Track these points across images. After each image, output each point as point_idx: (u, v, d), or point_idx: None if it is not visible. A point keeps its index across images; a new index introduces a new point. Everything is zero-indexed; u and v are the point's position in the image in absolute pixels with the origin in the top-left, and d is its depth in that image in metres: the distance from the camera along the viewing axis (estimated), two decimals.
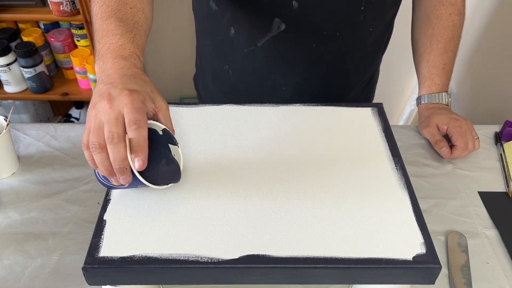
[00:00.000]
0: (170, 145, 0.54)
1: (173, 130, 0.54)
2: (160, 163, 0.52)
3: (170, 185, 0.54)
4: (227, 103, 0.72)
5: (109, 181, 0.51)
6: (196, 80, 1.04)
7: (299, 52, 0.80)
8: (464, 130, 0.79)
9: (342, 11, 0.75)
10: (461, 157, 0.81)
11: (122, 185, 0.51)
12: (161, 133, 0.53)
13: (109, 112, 0.47)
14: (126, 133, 0.48)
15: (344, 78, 0.87)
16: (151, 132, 0.51)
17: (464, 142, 0.78)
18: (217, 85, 0.93)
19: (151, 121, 0.51)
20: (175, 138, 0.54)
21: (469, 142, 0.79)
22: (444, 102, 0.84)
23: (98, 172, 0.52)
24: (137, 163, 0.48)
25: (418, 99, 0.87)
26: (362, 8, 0.74)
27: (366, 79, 0.93)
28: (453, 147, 0.79)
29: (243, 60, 0.84)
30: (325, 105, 0.72)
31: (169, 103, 0.72)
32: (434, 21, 0.84)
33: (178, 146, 0.54)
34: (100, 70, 0.53)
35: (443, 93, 0.84)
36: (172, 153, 0.53)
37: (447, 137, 0.82)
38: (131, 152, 0.48)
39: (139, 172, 0.49)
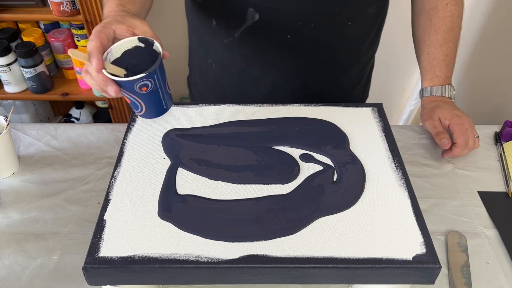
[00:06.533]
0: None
1: (153, 36, 0.58)
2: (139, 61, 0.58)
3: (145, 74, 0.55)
4: (227, 103, 0.72)
5: (136, 108, 0.59)
6: (188, 80, 1.04)
7: (274, 44, 0.80)
8: (465, 128, 0.78)
9: (315, 4, 0.74)
10: (460, 156, 0.80)
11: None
12: (139, 43, 0.58)
13: None
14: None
15: (324, 74, 0.86)
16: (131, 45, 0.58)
17: (465, 140, 0.77)
18: (203, 81, 0.94)
19: (131, 38, 0.58)
20: (149, 40, 0.58)
21: (470, 140, 0.78)
22: (447, 95, 0.83)
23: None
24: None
25: (421, 92, 0.85)
26: None
27: (354, 78, 0.90)
28: (453, 145, 0.78)
29: (223, 52, 0.85)
30: (325, 105, 0.72)
31: None
32: (431, 12, 0.83)
33: (154, 43, 0.58)
34: None
35: (446, 86, 0.82)
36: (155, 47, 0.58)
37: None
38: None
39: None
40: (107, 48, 0.57)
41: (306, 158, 0.63)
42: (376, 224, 0.53)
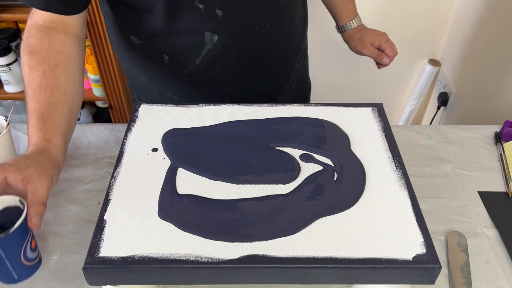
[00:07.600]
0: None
1: (40, 201, 0.54)
2: None
3: None
4: (227, 103, 0.72)
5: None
6: None
7: (239, 56, 0.80)
8: (391, 42, 0.99)
9: (264, 4, 0.76)
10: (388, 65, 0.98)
11: None
12: (19, 204, 0.56)
13: None
14: None
15: (284, 64, 0.89)
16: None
17: (394, 53, 0.98)
18: None
19: (13, 197, 0.56)
20: (24, 204, 0.55)
21: (395, 50, 0.98)
22: (361, 23, 1.01)
23: None
24: None
25: (342, 27, 1.01)
26: None
27: (299, 60, 0.95)
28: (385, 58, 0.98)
29: (185, 82, 0.83)
30: (325, 105, 0.72)
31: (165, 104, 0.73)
32: None
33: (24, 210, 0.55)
34: None
35: (358, 16, 1.01)
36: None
37: None
38: None
39: None
40: None
41: (306, 158, 0.63)
42: (376, 224, 0.53)
